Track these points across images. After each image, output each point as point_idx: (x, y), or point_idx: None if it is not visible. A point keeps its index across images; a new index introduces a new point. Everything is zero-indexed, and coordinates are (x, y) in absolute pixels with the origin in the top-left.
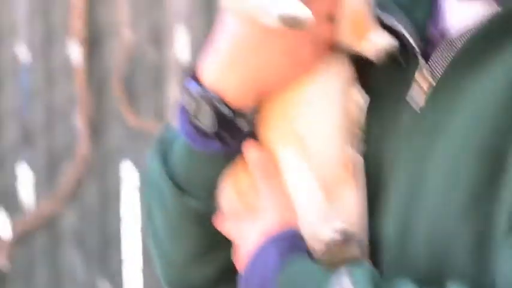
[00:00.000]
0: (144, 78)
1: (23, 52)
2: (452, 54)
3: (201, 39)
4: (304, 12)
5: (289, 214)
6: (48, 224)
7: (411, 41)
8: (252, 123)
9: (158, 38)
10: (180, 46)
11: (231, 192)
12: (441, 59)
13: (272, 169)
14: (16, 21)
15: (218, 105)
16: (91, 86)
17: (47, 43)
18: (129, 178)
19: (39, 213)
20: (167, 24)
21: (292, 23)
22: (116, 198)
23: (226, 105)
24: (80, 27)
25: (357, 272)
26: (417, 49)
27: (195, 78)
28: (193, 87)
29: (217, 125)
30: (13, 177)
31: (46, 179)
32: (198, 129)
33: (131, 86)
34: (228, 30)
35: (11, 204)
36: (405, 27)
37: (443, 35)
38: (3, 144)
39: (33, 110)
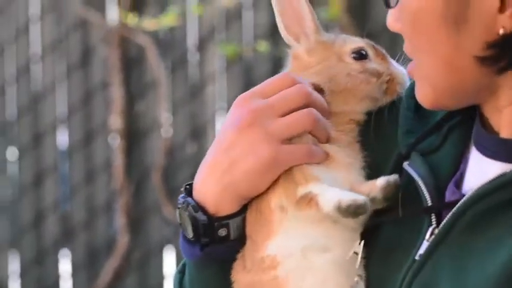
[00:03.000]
0: (184, 170)
1: (64, 146)
2: (457, 214)
3: None
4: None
5: None
6: None
7: (427, 196)
8: (236, 230)
9: (197, 131)
10: None
11: None
12: (449, 218)
13: None
14: (58, 116)
15: (194, 212)
16: (131, 180)
17: (88, 138)
18: (170, 270)
19: None
20: (206, 117)
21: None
22: None
23: (205, 212)
24: (119, 123)
25: None
26: (429, 203)
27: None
28: (180, 197)
29: (195, 232)
30: (54, 270)
31: (86, 273)
32: (184, 237)
33: (170, 178)
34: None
35: None
36: (425, 182)
37: (460, 194)
38: (45, 238)
39: (74, 204)
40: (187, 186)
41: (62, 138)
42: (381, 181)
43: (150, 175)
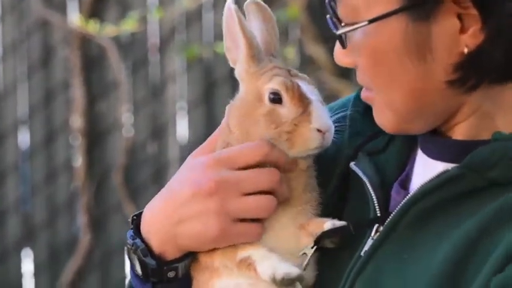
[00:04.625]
0: (145, 170)
1: (25, 146)
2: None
3: (200, 130)
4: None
5: None
6: None
7: (373, 194)
8: (185, 270)
9: (158, 130)
10: (180, 138)
11: None
12: (393, 216)
13: None
14: (19, 116)
15: (142, 256)
16: (92, 180)
17: (49, 139)
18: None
19: None
20: (166, 117)
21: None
22: None
23: (153, 255)
24: (80, 123)
25: None
26: (375, 201)
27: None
28: (129, 234)
29: (144, 272)
30: (16, 270)
31: (49, 272)
32: (134, 272)
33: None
34: (168, 189)
35: None
36: (371, 181)
37: (405, 194)
38: (7, 238)
39: (36, 204)
40: (135, 218)
41: (23, 138)
42: (328, 224)
43: (111, 174)
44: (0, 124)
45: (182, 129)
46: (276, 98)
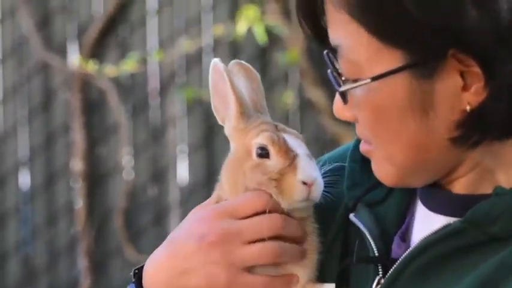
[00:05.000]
0: (145, 213)
1: (26, 188)
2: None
3: (201, 173)
4: None
5: None
6: None
7: (374, 246)
8: None
9: (158, 173)
10: (180, 181)
11: None
12: (394, 269)
13: None
14: (19, 160)
15: None
16: (93, 223)
17: (50, 181)
18: None
19: None
20: (167, 160)
21: None
22: None
23: None
24: (81, 166)
25: None
26: (376, 253)
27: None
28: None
29: None
30: None
31: None
32: None
33: (132, 221)
34: (174, 241)
35: None
36: (371, 234)
37: (406, 247)
38: (7, 280)
39: (36, 246)
40: (136, 271)
41: (24, 180)
42: None
43: (112, 218)
44: (0, 166)
45: (183, 172)
46: (264, 153)
